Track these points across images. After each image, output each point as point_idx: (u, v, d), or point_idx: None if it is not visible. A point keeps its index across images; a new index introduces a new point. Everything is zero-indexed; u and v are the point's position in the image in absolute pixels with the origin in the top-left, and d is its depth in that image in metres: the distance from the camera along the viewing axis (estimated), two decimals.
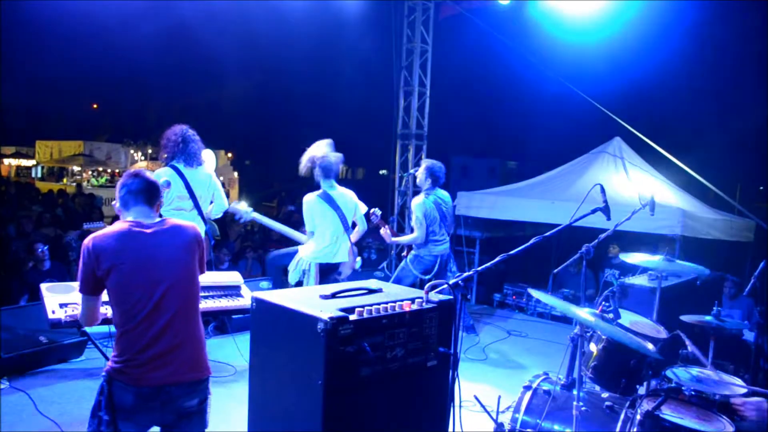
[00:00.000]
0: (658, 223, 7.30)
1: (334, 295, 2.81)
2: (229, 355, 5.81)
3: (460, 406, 2.97)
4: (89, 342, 5.53)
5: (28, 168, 35.86)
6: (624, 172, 8.97)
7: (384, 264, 9.98)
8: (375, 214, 6.22)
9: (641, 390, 3.71)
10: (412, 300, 2.83)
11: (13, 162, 36.00)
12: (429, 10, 10.09)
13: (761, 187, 24.34)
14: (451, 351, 2.85)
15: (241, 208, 5.90)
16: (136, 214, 2.80)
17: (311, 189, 5.53)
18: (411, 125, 10.10)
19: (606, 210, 3.62)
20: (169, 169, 5.39)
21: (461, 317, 2.97)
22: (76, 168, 30.44)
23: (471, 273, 3.26)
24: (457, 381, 2.85)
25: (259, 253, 9.90)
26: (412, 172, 7.81)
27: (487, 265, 3.27)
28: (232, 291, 4.50)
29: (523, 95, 19.55)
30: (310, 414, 2.50)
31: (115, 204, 2.88)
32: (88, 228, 8.34)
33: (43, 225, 10.98)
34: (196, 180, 5.49)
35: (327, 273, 5.56)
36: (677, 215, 7.56)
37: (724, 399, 3.54)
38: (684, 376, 3.77)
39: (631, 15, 8.81)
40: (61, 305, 3.90)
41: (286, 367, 2.70)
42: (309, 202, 5.45)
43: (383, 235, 6.62)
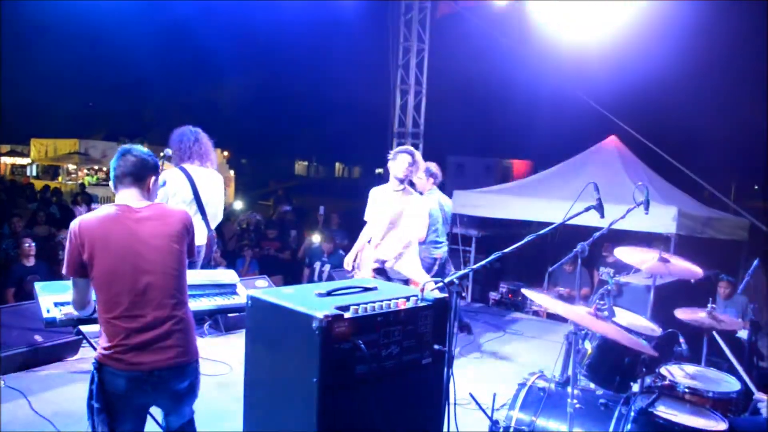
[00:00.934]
0: (653, 221, 7.33)
1: (329, 293, 2.81)
2: (225, 354, 5.81)
3: (455, 404, 2.98)
4: (84, 340, 5.52)
5: (23, 166, 35.70)
6: (619, 171, 9.00)
7: None
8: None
9: (635, 387, 3.72)
10: (407, 298, 2.84)
11: (8, 160, 35.84)
12: (426, 9, 10.12)
13: (756, 186, 24.43)
14: (446, 349, 2.86)
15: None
16: (125, 196, 2.83)
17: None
18: (407, 124, 10.12)
19: (599, 208, 3.63)
20: (177, 171, 5.21)
21: (456, 315, 2.98)
22: (71, 166, 30.31)
23: (467, 271, 3.28)
24: (452, 378, 2.86)
25: (256, 251, 9.89)
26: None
27: (482, 263, 3.29)
28: (228, 289, 4.47)
29: (520, 94, 19.56)
30: (305, 412, 2.50)
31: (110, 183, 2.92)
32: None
33: (37, 223, 10.98)
34: (205, 182, 5.31)
35: None
36: (672, 214, 7.59)
37: (718, 396, 3.56)
38: (678, 374, 3.80)
39: (629, 14, 8.82)
40: (56, 304, 3.87)
41: (281, 365, 2.70)
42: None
43: None
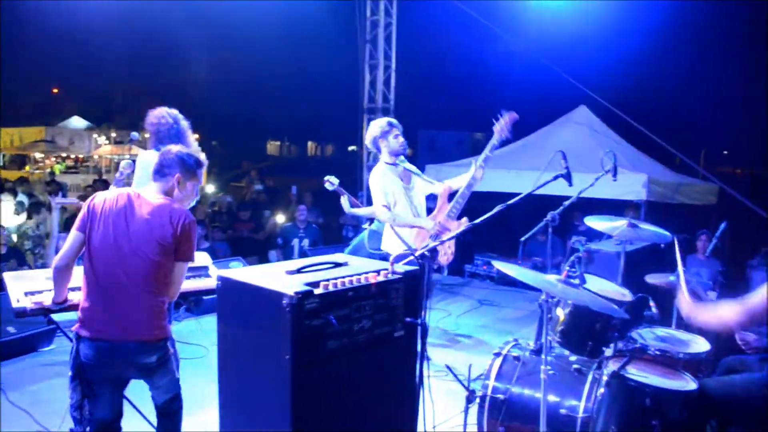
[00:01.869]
0: (624, 188, 7.42)
1: (299, 270, 2.80)
2: (200, 336, 5.80)
3: (429, 376, 3.00)
4: (58, 330, 5.44)
5: None
6: (588, 140, 9.06)
7: None
8: (330, 182, 5.87)
9: (608, 352, 3.78)
10: (378, 272, 2.84)
11: None
12: None
13: (725, 152, 24.84)
14: (419, 321, 2.86)
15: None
16: (147, 188, 3.06)
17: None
18: (377, 99, 10.06)
19: (568, 176, 3.65)
20: (155, 153, 5.09)
21: (430, 287, 2.99)
22: (39, 155, 29.67)
23: (437, 243, 3.29)
24: (425, 350, 2.87)
25: (228, 233, 9.81)
26: None
27: (452, 235, 3.30)
28: (200, 272, 4.42)
29: (491, 66, 19.54)
30: (279, 389, 2.50)
31: None
32: (60, 203, 8.19)
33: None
34: None
35: None
36: (642, 181, 7.68)
37: (688, 357, 3.63)
38: (649, 337, 3.86)
39: None
40: (27, 293, 3.79)
41: (253, 344, 2.70)
42: None
43: (343, 204, 6.11)
